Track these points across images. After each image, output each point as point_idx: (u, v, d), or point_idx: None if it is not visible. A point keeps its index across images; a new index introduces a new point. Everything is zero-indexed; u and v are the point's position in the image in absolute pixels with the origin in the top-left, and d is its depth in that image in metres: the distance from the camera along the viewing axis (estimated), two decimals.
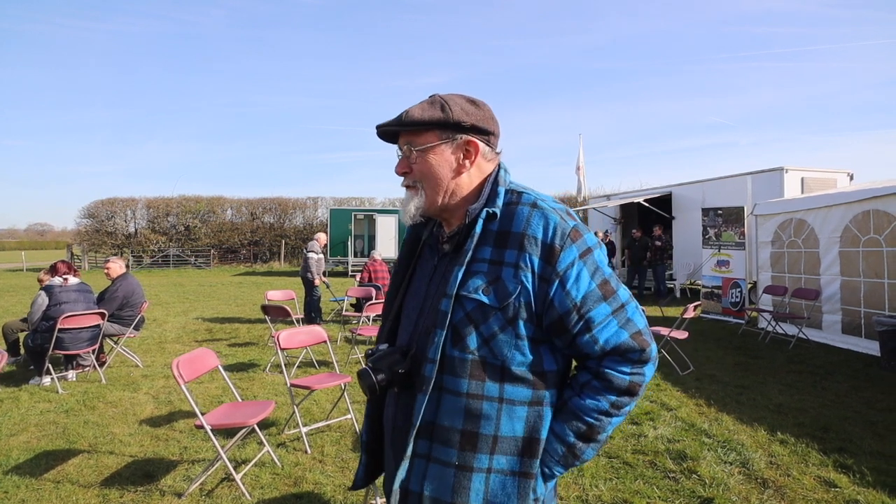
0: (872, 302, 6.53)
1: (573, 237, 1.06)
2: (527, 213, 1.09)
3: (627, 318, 1.08)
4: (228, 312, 10.54)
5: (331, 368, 5.84)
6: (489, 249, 1.09)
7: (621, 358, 1.07)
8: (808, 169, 11.44)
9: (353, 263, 20.49)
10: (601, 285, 1.06)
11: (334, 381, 3.89)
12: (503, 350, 1.05)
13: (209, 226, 28.39)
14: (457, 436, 1.06)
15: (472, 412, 1.05)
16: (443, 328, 1.06)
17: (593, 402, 1.06)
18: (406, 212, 1.17)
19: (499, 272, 1.06)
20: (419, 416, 1.06)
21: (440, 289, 1.11)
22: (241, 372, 5.69)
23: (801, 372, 5.67)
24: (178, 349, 6.98)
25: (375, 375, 1.09)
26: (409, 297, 1.23)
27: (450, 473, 1.06)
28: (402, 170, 1.17)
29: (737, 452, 3.50)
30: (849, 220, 6.87)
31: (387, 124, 1.14)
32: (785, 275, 8.08)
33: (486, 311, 1.05)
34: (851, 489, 3.01)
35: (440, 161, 1.13)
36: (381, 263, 9.27)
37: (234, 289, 15.85)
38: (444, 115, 1.11)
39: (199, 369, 3.14)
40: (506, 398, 1.05)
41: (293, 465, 3.36)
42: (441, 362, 1.06)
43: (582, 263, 1.06)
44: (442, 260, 1.18)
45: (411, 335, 1.16)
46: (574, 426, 1.07)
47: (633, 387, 1.07)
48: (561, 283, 1.04)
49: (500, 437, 1.05)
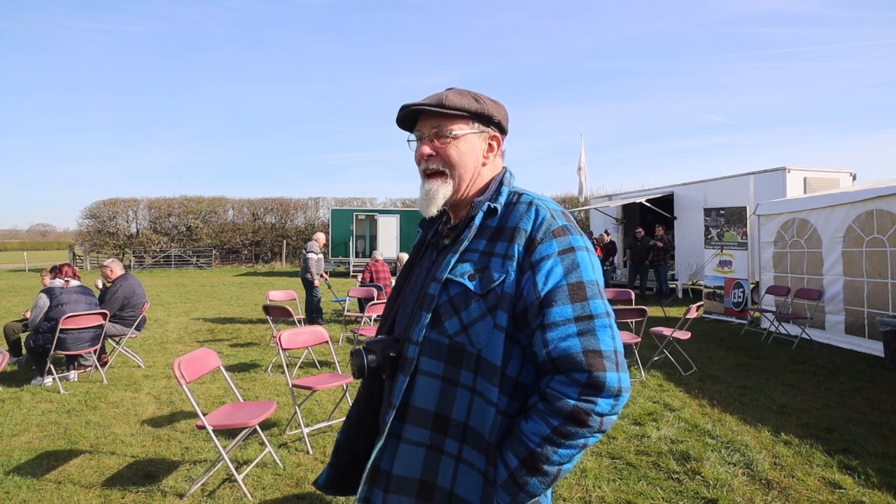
0: (876, 302, 6.50)
1: (556, 233, 1.06)
2: (522, 209, 1.10)
3: (590, 332, 0.98)
4: (230, 313, 10.54)
5: (332, 369, 5.83)
6: (484, 242, 1.10)
7: (567, 378, 0.96)
8: (810, 169, 11.41)
9: (354, 264, 20.49)
10: (573, 286, 1.01)
11: (336, 381, 3.88)
12: (480, 338, 1.03)
13: (211, 226, 28.41)
14: (430, 417, 1.04)
15: (445, 396, 1.04)
16: (428, 310, 1.06)
17: (535, 425, 0.98)
18: (432, 200, 1.14)
19: (487, 262, 1.07)
20: (398, 397, 1.06)
21: (432, 275, 1.12)
22: (242, 372, 5.68)
23: (805, 372, 5.65)
24: (180, 349, 6.97)
25: (366, 356, 1.10)
26: (408, 293, 1.23)
27: (420, 453, 1.04)
28: (429, 152, 1.14)
29: (741, 453, 3.48)
30: (852, 220, 6.85)
31: (424, 104, 1.11)
32: (787, 275, 8.05)
33: (468, 296, 1.05)
34: (856, 490, 2.99)
35: (471, 150, 1.16)
36: (382, 264, 9.26)
37: (235, 289, 15.85)
38: (479, 106, 1.14)
39: (201, 370, 3.14)
40: (478, 390, 1.03)
41: (295, 465, 3.35)
42: (422, 345, 1.06)
43: (558, 259, 1.03)
44: (441, 253, 1.19)
45: (406, 326, 1.15)
46: (517, 451, 0.99)
47: (579, 414, 0.94)
48: (532, 273, 1.03)
49: (470, 428, 1.03)
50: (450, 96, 1.13)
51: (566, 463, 0.98)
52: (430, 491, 1.04)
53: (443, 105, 1.11)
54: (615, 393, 0.96)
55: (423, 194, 1.16)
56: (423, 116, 1.16)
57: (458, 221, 1.18)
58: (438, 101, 1.12)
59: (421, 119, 1.16)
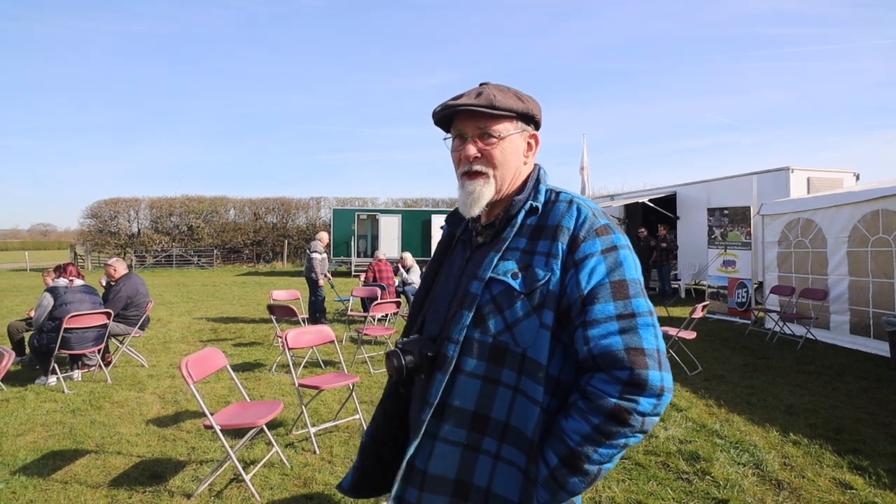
0: (881, 302, 6.48)
1: (599, 232, 1.05)
2: (563, 208, 1.09)
3: (632, 330, 0.97)
4: (232, 312, 10.53)
5: (337, 368, 5.81)
6: (524, 241, 1.09)
7: (608, 376, 0.95)
8: (814, 169, 11.38)
9: (356, 263, 20.49)
10: (616, 284, 1.00)
11: (343, 381, 3.86)
12: (525, 337, 1.02)
13: (212, 226, 28.41)
14: (468, 417, 1.03)
15: (486, 396, 1.03)
16: (470, 309, 1.05)
17: (576, 423, 0.96)
18: (476, 201, 1.11)
19: (530, 260, 1.06)
20: (436, 396, 1.04)
21: (472, 273, 1.10)
22: (246, 372, 5.67)
23: (811, 373, 5.63)
24: (184, 349, 6.96)
25: (404, 357, 1.08)
26: (439, 291, 1.21)
27: (457, 453, 1.03)
28: (475, 154, 1.11)
29: (750, 453, 3.46)
30: (857, 220, 6.82)
31: (474, 105, 1.07)
32: (792, 275, 8.02)
33: (512, 295, 1.04)
34: (868, 491, 2.97)
35: (514, 150, 1.14)
36: (385, 263, 9.25)
37: (237, 289, 15.84)
38: (524, 106, 1.13)
39: (208, 369, 3.12)
40: (521, 389, 1.02)
41: (302, 465, 3.34)
42: (462, 344, 1.04)
43: (602, 258, 1.02)
44: (476, 251, 1.17)
45: (441, 326, 1.13)
46: (557, 449, 0.97)
47: (621, 413, 0.93)
48: (576, 271, 1.02)
49: (510, 426, 1.01)
50: (497, 96, 1.09)
51: (606, 462, 0.97)
52: (466, 490, 1.03)
53: (493, 106, 1.08)
54: (657, 392, 0.94)
55: (465, 195, 1.13)
56: (463, 116, 1.11)
57: (495, 219, 1.16)
58: (489, 102, 1.08)
59: (462, 118, 1.12)
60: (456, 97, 1.12)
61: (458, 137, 1.15)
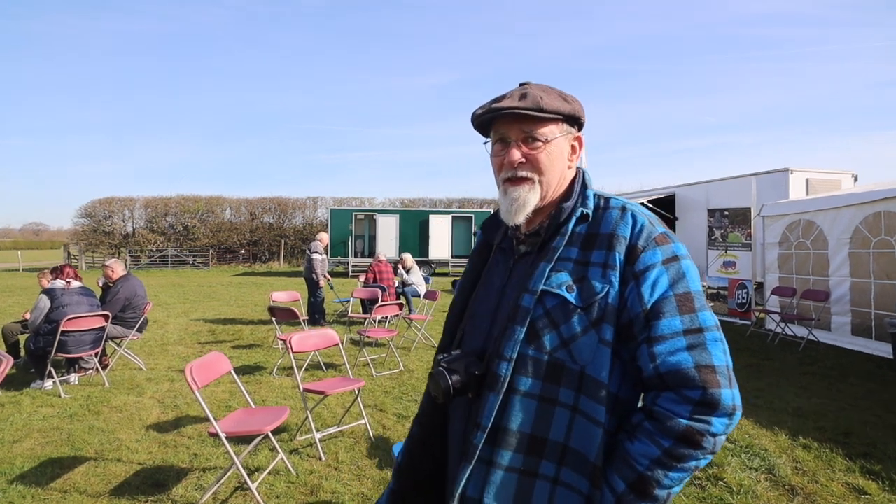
0: (883, 303, 6.47)
1: (659, 241, 0.99)
2: (616, 215, 1.03)
3: (701, 346, 0.91)
4: (230, 313, 10.43)
5: (339, 371, 5.75)
6: (576, 250, 1.02)
7: (677, 396, 0.90)
8: (812, 170, 11.41)
9: (353, 264, 20.40)
10: (680, 297, 0.95)
11: (348, 385, 3.79)
12: (583, 354, 0.96)
13: (208, 226, 28.24)
14: (525, 440, 0.97)
15: (542, 416, 0.97)
16: (522, 325, 0.98)
17: (643, 446, 0.91)
18: (522, 208, 1.06)
19: (585, 272, 0.99)
20: (490, 418, 0.97)
21: (521, 285, 1.03)
22: (247, 375, 5.59)
23: (815, 374, 5.61)
24: (182, 351, 6.88)
25: (451, 377, 1.01)
26: (478, 303, 1.14)
27: (513, 479, 0.97)
28: (520, 159, 1.05)
29: (761, 458, 3.43)
30: (859, 222, 6.82)
31: (521, 108, 1.01)
32: (793, 276, 8.02)
33: (568, 309, 0.97)
34: (882, 496, 2.94)
35: (559, 154, 1.08)
36: (385, 264, 9.18)
37: (234, 289, 15.73)
38: (571, 107, 1.06)
39: (213, 374, 3.05)
40: (581, 409, 0.95)
41: (308, 472, 3.27)
42: (515, 362, 0.98)
43: (663, 269, 0.96)
44: (519, 261, 1.11)
45: (485, 341, 1.07)
46: (624, 474, 0.92)
47: (693, 435, 0.87)
48: (636, 283, 0.96)
49: (569, 449, 0.95)
50: (544, 98, 1.03)
51: (676, 486, 0.91)
52: None
53: (541, 108, 1.02)
54: (730, 411, 0.89)
55: (508, 202, 1.06)
56: (505, 119, 1.05)
57: (539, 227, 1.09)
58: (536, 105, 1.02)
59: (504, 121, 1.06)
60: (498, 99, 1.06)
61: (499, 141, 1.08)
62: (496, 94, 1.10)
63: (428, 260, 20.31)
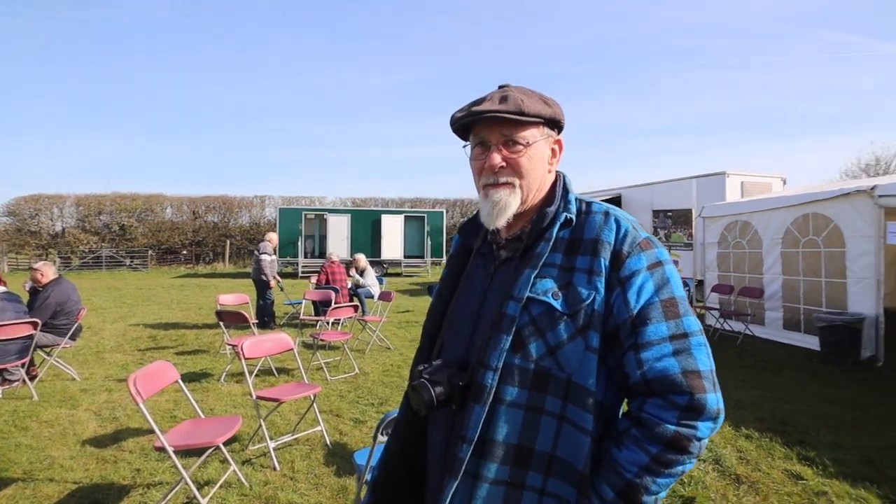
0: (811, 299, 6.94)
1: (643, 246, 0.99)
2: (600, 220, 1.03)
3: (686, 351, 0.92)
4: (172, 317, 9.93)
5: (293, 376, 5.58)
6: (560, 256, 1.01)
7: (664, 402, 0.90)
8: (747, 174, 12.10)
9: (303, 264, 19.91)
10: (666, 303, 0.96)
11: (303, 391, 3.67)
12: (570, 361, 0.95)
13: (146, 225, 26.82)
14: (511, 451, 0.95)
15: (529, 426, 0.95)
16: (508, 333, 0.96)
17: (631, 453, 0.91)
18: (503, 212, 1.03)
19: (570, 278, 0.98)
20: (476, 430, 0.94)
21: (505, 292, 1.01)
22: (193, 383, 5.32)
23: (752, 367, 5.95)
24: (120, 359, 6.48)
25: (433, 388, 0.97)
26: (458, 309, 1.11)
27: (499, 492, 0.95)
28: (501, 163, 1.03)
29: (708, 450, 3.58)
30: (790, 223, 7.28)
31: (502, 112, 0.99)
32: (731, 274, 8.47)
33: (554, 317, 0.96)
34: (817, 481, 3.14)
35: (540, 157, 1.06)
36: (338, 265, 9.00)
37: (175, 292, 14.99)
38: (552, 111, 1.05)
39: (159, 384, 2.87)
40: (568, 417, 0.95)
41: (262, 484, 3.14)
42: (502, 371, 0.96)
43: (648, 274, 0.97)
44: (501, 267, 1.08)
45: (467, 349, 1.04)
46: (612, 482, 0.92)
47: (681, 440, 0.88)
48: (622, 290, 0.96)
49: (556, 458, 0.95)
50: (525, 101, 1.02)
51: (662, 491, 0.92)
52: None
53: (522, 112, 1.00)
54: (714, 415, 0.91)
55: (489, 205, 1.04)
56: (486, 122, 1.03)
57: (520, 232, 1.08)
58: (517, 108, 1.00)
59: (485, 124, 1.03)
60: (477, 102, 1.04)
61: (479, 145, 1.06)
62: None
63: (380, 260, 20.11)
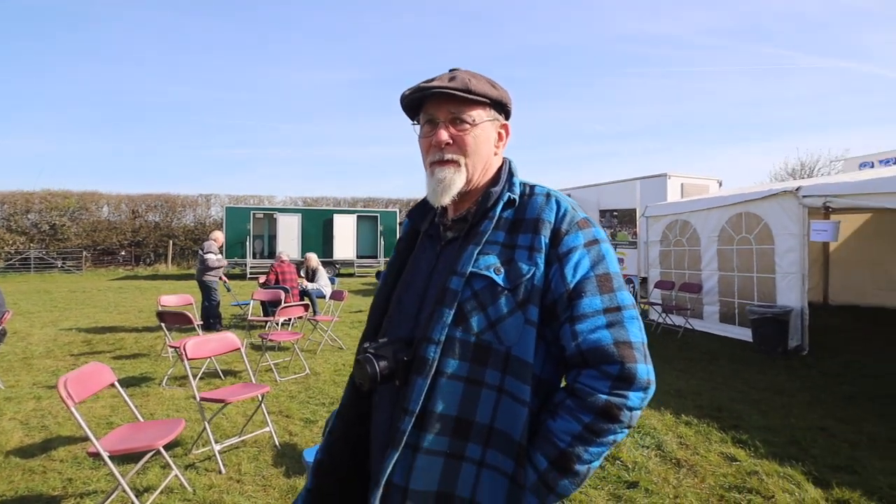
0: (744, 293, 7.38)
1: (581, 225, 1.04)
2: (541, 201, 1.07)
3: (619, 323, 0.97)
4: (109, 321, 9.40)
5: (240, 378, 5.40)
6: (503, 234, 1.05)
7: (597, 372, 0.94)
8: (686, 176, 12.75)
9: (252, 265, 19.32)
10: (601, 277, 1.00)
11: (251, 391, 3.57)
12: (510, 335, 0.98)
13: (80, 224, 25.23)
14: (451, 423, 0.97)
15: (468, 398, 0.97)
16: (451, 307, 0.98)
17: (565, 423, 0.94)
18: (447, 189, 1.06)
19: (512, 255, 1.02)
20: (418, 402, 0.96)
21: (449, 268, 1.03)
22: (132, 387, 5.06)
23: (691, 358, 6.25)
24: (49, 365, 6.07)
25: (378, 362, 0.98)
26: (404, 290, 1.12)
27: (438, 463, 0.96)
28: (447, 140, 1.05)
29: (651, 436, 3.75)
30: (725, 221, 7.71)
31: (450, 88, 1.02)
32: (672, 270, 8.87)
33: (496, 291, 0.99)
34: (749, 462, 3.34)
35: (486, 138, 1.09)
36: (288, 264, 8.79)
37: (113, 294, 14.20)
38: (498, 93, 1.09)
39: (93, 387, 2.72)
40: (506, 390, 0.97)
41: (207, 488, 3.03)
42: (444, 345, 0.98)
43: (585, 251, 1.02)
44: (447, 247, 1.11)
45: (413, 327, 1.06)
46: (546, 452, 0.95)
47: (611, 409, 0.92)
48: (560, 265, 1.00)
49: (495, 430, 0.97)
50: (472, 81, 1.05)
51: (595, 461, 0.95)
52: (449, 503, 0.96)
53: (469, 90, 1.03)
54: (645, 385, 0.95)
55: (434, 182, 1.06)
56: (435, 100, 1.06)
57: (466, 212, 1.11)
58: (464, 86, 1.03)
59: (433, 102, 1.06)
60: (428, 80, 1.06)
61: (427, 123, 1.09)
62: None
63: (332, 260, 19.78)
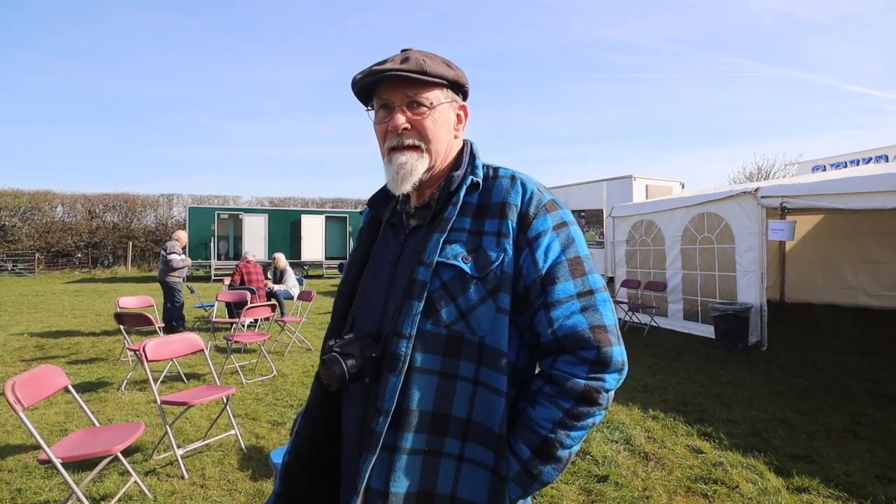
0: (707, 291, 7.60)
1: (549, 208, 1.02)
2: (506, 184, 1.04)
3: (593, 307, 0.95)
4: (64, 325, 8.98)
5: (205, 381, 5.23)
6: (469, 220, 1.01)
7: (574, 358, 0.93)
8: (650, 178, 13.07)
9: (216, 267, 18.82)
10: (572, 261, 0.98)
11: (215, 393, 3.45)
12: (482, 324, 0.95)
13: (32, 225, 24.09)
14: (427, 419, 0.93)
15: (443, 393, 0.94)
16: (420, 299, 0.94)
17: (545, 410, 0.93)
18: (408, 175, 1.01)
19: (479, 241, 0.98)
20: (393, 401, 0.91)
21: (415, 259, 0.99)
22: (88, 392, 4.84)
23: (657, 355, 6.39)
24: None
25: (345, 361, 0.93)
26: (369, 282, 1.08)
27: (417, 462, 0.93)
28: (405, 125, 1.00)
29: (620, 431, 3.80)
30: (688, 222, 7.92)
31: (404, 70, 0.97)
32: (638, 270, 9.06)
33: (465, 280, 0.96)
34: (714, 454, 3.42)
35: (445, 121, 1.05)
36: (254, 265, 8.59)
37: (68, 298, 13.59)
38: (455, 74, 1.04)
39: (44, 391, 2.58)
40: (482, 381, 0.95)
41: (168, 494, 2.91)
42: (415, 338, 0.94)
43: (555, 235, 0.99)
44: (411, 235, 1.07)
45: (380, 321, 1.01)
46: (528, 440, 0.93)
47: (590, 393, 0.91)
48: (530, 251, 0.98)
49: (472, 423, 0.94)
50: (427, 61, 1.00)
51: (576, 445, 0.95)
52: (429, 502, 0.92)
53: (424, 72, 0.98)
54: (619, 367, 0.95)
55: (395, 169, 1.01)
56: (389, 83, 1.00)
57: (429, 199, 1.07)
58: (419, 67, 0.98)
59: (387, 86, 1.01)
60: (380, 63, 1.01)
61: (382, 108, 1.03)
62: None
63: (300, 262, 19.46)
